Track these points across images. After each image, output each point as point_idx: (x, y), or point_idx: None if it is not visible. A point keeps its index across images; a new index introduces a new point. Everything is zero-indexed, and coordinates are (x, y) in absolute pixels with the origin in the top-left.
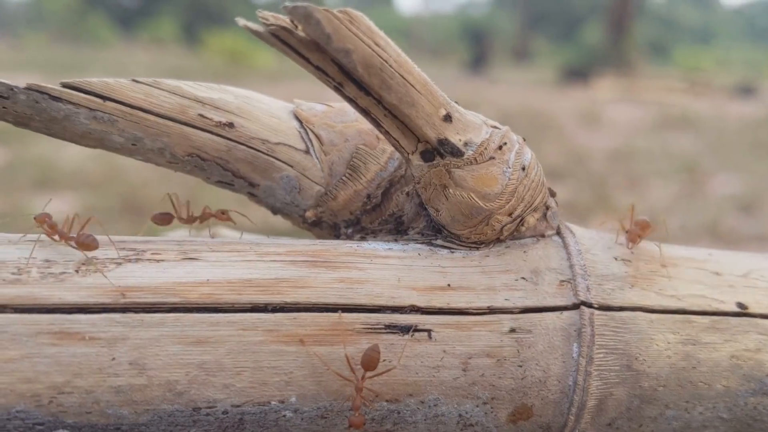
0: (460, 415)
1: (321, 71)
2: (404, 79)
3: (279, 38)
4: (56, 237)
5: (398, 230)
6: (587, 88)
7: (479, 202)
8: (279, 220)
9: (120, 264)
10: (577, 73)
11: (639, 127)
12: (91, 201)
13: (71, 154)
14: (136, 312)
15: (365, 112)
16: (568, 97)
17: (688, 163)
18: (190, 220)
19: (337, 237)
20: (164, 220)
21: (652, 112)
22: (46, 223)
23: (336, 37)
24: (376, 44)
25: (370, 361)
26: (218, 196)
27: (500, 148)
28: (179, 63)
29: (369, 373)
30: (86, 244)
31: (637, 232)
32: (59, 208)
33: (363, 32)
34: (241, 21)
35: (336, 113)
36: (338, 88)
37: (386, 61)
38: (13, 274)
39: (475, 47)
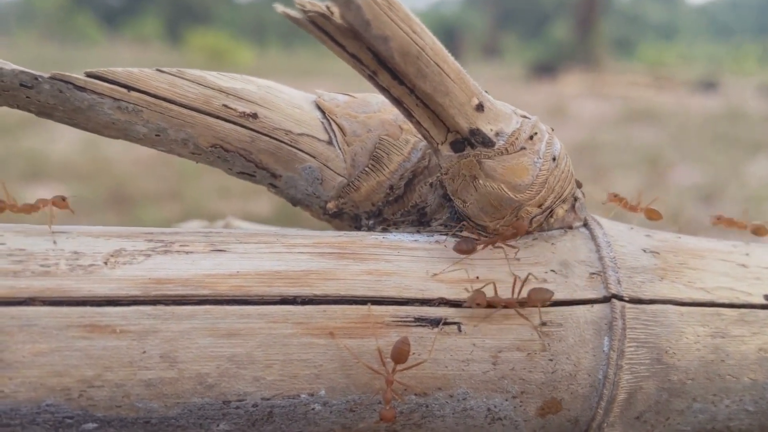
0: (488, 409)
1: (356, 59)
2: (439, 67)
3: (316, 25)
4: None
5: (420, 222)
6: (555, 83)
7: (509, 193)
8: (260, 211)
9: (149, 256)
10: (545, 69)
11: (604, 121)
12: (79, 192)
13: (60, 146)
14: (166, 304)
15: (397, 102)
16: (537, 91)
17: (651, 155)
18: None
19: (358, 228)
20: None
21: (617, 106)
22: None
23: (375, 23)
24: (413, 31)
25: (400, 354)
26: (201, 187)
27: (531, 138)
28: (162, 60)
29: (399, 366)
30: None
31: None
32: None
33: (401, 19)
34: (280, 7)
35: (358, 103)
36: (372, 77)
37: (423, 49)
38: (41, 266)
39: (448, 45)
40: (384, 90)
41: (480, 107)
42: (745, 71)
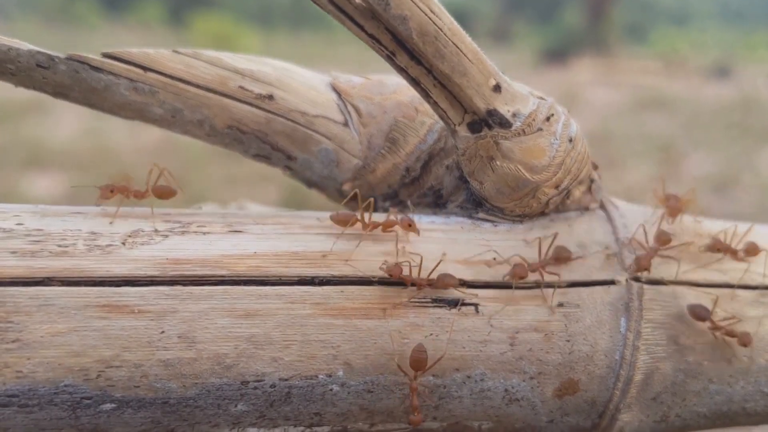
0: (506, 390)
1: (374, 39)
2: (457, 47)
3: (335, 5)
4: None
5: (436, 204)
6: (566, 70)
7: (526, 174)
8: (267, 199)
9: (167, 236)
10: (556, 55)
11: (616, 109)
12: (80, 180)
13: (62, 134)
14: (184, 285)
15: (415, 82)
16: (547, 78)
17: (664, 144)
18: None
19: (374, 211)
20: None
21: (629, 93)
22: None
23: (394, 2)
24: (431, 11)
25: (418, 363)
26: (208, 175)
27: (548, 119)
28: (166, 45)
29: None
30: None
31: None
32: (49, 186)
33: None
34: None
35: (374, 85)
36: (390, 57)
37: (440, 29)
38: (59, 246)
39: None
40: (402, 70)
41: (497, 88)
42: (758, 58)
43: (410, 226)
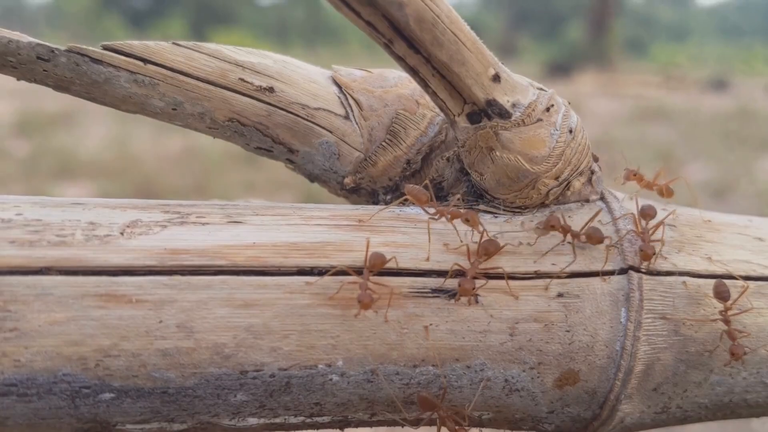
0: (506, 380)
1: (371, 27)
2: (455, 36)
3: None
4: None
5: (438, 196)
6: (569, 82)
7: (526, 165)
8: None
9: (165, 227)
10: (560, 68)
11: (617, 118)
12: (108, 188)
13: (90, 144)
14: (182, 275)
15: (413, 72)
16: (552, 90)
17: (663, 152)
18: None
19: (375, 203)
20: None
21: (630, 104)
22: None
23: None
24: None
25: (427, 405)
26: (226, 182)
27: (547, 110)
28: None
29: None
30: None
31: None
32: (79, 195)
33: None
34: None
35: (375, 78)
36: (388, 45)
37: (438, 17)
38: (57, 236)
39: None
40: (400, 59)
41: (496, 78)
42: (755, 71)
43: (468, 221)
